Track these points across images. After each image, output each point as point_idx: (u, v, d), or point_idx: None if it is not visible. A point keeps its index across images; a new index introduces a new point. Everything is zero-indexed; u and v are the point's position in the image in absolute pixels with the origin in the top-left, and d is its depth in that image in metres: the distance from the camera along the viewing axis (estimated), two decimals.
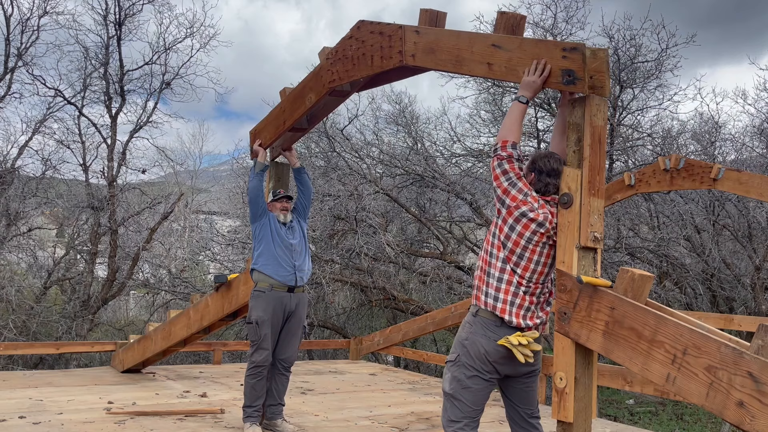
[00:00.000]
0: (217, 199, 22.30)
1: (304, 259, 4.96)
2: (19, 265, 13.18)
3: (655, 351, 2.51)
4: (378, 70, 3.74)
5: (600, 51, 2.78)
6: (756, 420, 2.20)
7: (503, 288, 3.00)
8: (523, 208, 2.94)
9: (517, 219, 2.96)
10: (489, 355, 2.99)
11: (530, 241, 2.96)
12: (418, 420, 5.60)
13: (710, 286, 11.83)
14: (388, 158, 12.68)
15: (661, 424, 10.22)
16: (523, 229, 2.95)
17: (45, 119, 12.12)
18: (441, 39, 3.36)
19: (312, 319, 11.45)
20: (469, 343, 3.05)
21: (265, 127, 5.07)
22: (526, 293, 3.02)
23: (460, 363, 3.07)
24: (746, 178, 6.54)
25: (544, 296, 3.12)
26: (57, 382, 6.55)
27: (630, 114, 12.55)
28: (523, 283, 3.01)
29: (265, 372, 4.78)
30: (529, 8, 11.86)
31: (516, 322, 2.98)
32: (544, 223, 2.94)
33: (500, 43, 3.09)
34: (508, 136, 3.04)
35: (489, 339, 2.99)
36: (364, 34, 3.79)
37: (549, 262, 3.04)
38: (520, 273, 3.00)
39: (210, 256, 14.70)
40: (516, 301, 3.00)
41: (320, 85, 4.30)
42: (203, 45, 12.84)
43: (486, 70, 3.17)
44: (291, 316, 4.87)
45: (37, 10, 11.77)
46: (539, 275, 3.03)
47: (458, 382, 3.06)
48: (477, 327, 3.04)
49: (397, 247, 11.57)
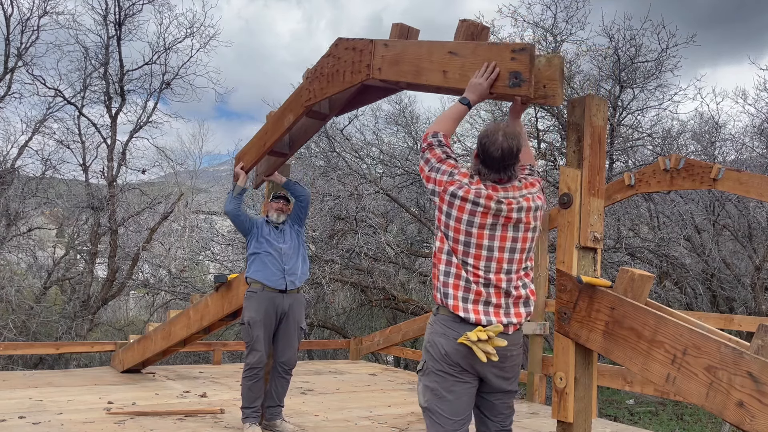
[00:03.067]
0: (217, 199, 22.29)
1: (295, 262, 4.92)
2: (18, 265, 13.18)
3: (655, 351, 2.51)
4: (348, 85, 3.69)
5: (555, 58, 2.70)
6: (756, 420, 2.20)
7: (451, 282, 2.66)
8: (451, 188, 2.64)
9: (450, 203, 2.65)
10: (450, 357, 2.64)
11: (472, 224, 2.61)
12: (418, 420, 5.59)
13: (710, 286, 11.83)
14: (388, 158, 12.69)
15: (661, 424, 10.22)
16: (459, 212, 2.62)
17: (45, 119, 12.14)
18: (405, 50, 3.29)
19: (312, 319, 11.45)
20: (430, 346, 2.72)
21: (248, 150, 5.03)
22: (487, 285, 2.64)
23: (428, 370, 2.71)
24: (746, 178, 6.53)
25: (517, 291, 2.69)
26: (57, 382, 6.55)
27: (630, 114, 12.54)
28: (480, 275, 2.63)
29: (261, 373, 4.78)
30: (529, 8, 11.88)
31: (475, 318, 2.62)
32: (479, 200, 2.60)
33: (456, 50, 3.01)
34: (434, 128, 2.83)
35: (448, 338, 2.64)
36: (340, 50, 3.75)
37: (513, 247, 2.65)
38: (473, 263, 2.63)
39: (210, 256, 14.70)
40: (470, 297, 2.64)
41: (298, 105, 4.25)
42: (203, 45, 12.89)
43: (441, 78, 3.07)
44: (285, 317, 4.84)
45: (37, 10, 11.80)
46: (499, 263, 2.64)
47: (431, 392, 2.69)
48: (437, 326, 2.71)
49: (397, 247, 11.57)
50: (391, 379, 7.89)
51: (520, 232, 2.67)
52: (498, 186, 2.67)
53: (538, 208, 2.73)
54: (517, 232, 2.67)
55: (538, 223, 2.77)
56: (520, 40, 12.04)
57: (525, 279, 2.74)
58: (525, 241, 2.70)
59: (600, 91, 11.85)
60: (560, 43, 11.96)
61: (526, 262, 2.75)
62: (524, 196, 2.69)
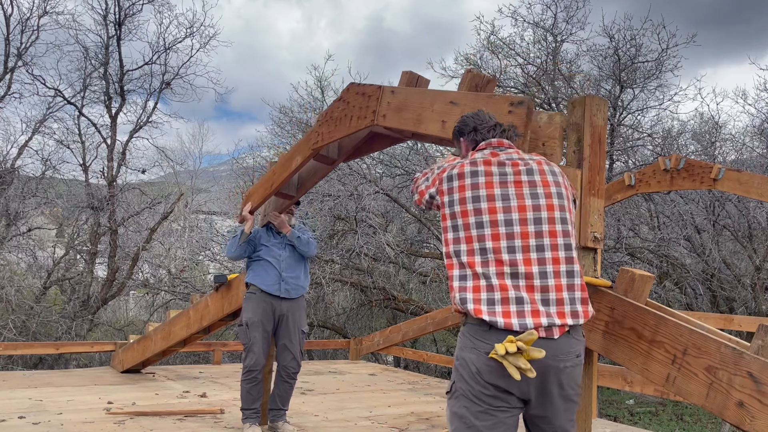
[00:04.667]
0: (216, 199, 22.29)
1: (293, 271, 4.84)
2: (18, 265, 13.18)
3: (655, 351, 2.51)
4: (354, 130, 3.70)
5: (557, 116, 2.63)
6: (756, 420, 2.20)
7: (470, 285, 2.16)
8: (444, 174, 2.31)
9: (449, 188, 2.26)
10: (482, 375, 2.12)
11: (478, 198, 2.20)
12: (418, 420, 5.59)
13: (710, 286, 11.83)
14: (388, 158, 12.68)
15: (661, 424, 10.22)
16: (461, 192, 2.24)
17: (45, 119, 12.14)
18: (409, 98, 3.29)
19: (312, 320, 11.44)
20: (460, 364, 2.19)
21: (257, 189, 4.98)
22: (515, 276, 2.12)
23: (457, 393, 2.20)
24: (746, 179, 6.53)
25: (557, 279, 2.15)
26: (57, 383, 6.55)
27: (630, 114, 12.55)
28: (504, 260, 2.12)
29: (259, 376, 4.76)
30: (529, 8, 11.89)
31: (503, 321, 2.08)
32: (476, 169, 2.25)
33: (457, 100, 2.99)
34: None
35: (479, 352, 2.12)
36: (350, 95, 3.75)
37: (536, 217, 2.17)
38: (492, 246, 2.14)
39: (210, 256, 14.70)
40: (495, 295, 2.11)
41: (306, 147, 4.24)
42: (203, 45, 12.87)
43: (440, 127, 3.02)
44: (284, 320, 4.79)
45: (36, 10, 11.79)
46: (524, 239, 2.14)
47: (460, 420, 2.16)
48: (465, 339, 2.19)
49: (397, 247, 11.57)
50: (391, 379, 7.89)
51: (541, 199, 2.21)
52: (497, 151, 2.34)
53: (556, 174, 2.31)
54: (536, 199, 2.20)
55: (566, 191, 2.30)
56: (520, 41, 12.04)
57: (567, 264, 2.18)
58: (551, 210, 2.21)
59: (600, 91, 11.85)
60: (560, 43, 11.96)
61: (562, 238, 2.19)
62: (535, 160, 2.31)
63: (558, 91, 11.82)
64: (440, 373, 11.92)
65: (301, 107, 12.89)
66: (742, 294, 11.66)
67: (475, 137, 2.43)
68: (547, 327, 2.11)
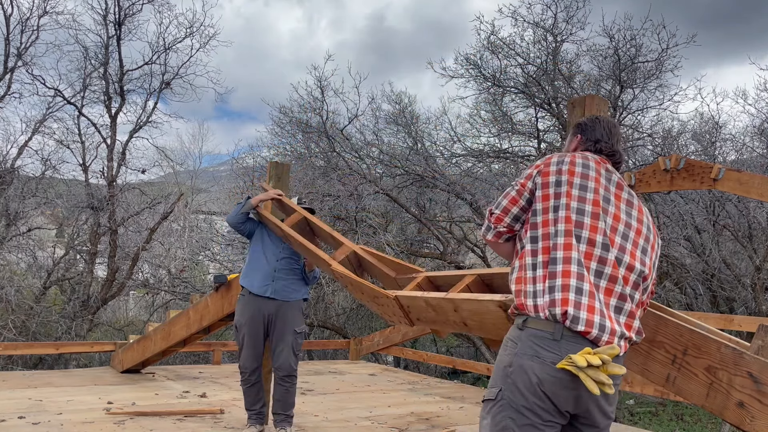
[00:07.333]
0: (216, 199, 22.27)
1: (287, 276, 4.76)
2: (18, 265, 13.17)
3: (654, 351, 2.51)
4: None
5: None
6: (756, 420, 2.20)
7: (559, 258, 2.03)
8: (553, 159, 2.23)
9: (558, 170, 2.17)
10: (543, 385, 1.99)
11: (585, 188, 2.12)
12: (418, 420, 5.59)
13: (710, 286, 11.83)
14: (388, 158, 12.66)
15: (661, 424, 10.22)
16: (570, 176, 2.16)
17: (45, 119, 12.12)
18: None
19: (312, 320, 11.43)
20: (514, 372, 2.04)
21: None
22: (599, 275, 2.04)
23: (503, 402, 2.05)
24: (746, 179, 6.52)
25: (640, 285, 2.12)
26: (56, 383, 6.54)
27: (630, 114, 12.54)
28: (595, 254, 2.03)
29: (252, 378, 4.76)
30: (529, 8, 11.86)
31: (586, 317, 1.99)
32: (588, 162, 2.18)
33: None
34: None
35: (543, 362, 1.99)
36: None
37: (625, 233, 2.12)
38: (589, 237, 2.05)
39: (210, 256, 14.69)
40: (583, 287, 1.99)
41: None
42: (203, 45, 12.82)
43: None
44: (274, 321, 4.71)
45: (36, 9, 11.77)
46: (611, 245, 2.06)
47: (502, 431, 2.05)
48: (525, 345, 2.04)
49: (397, 247, 11.56)
50: (391, 379, 7.89)
51: (634, 221, 2.18)
52: (607, 159, 2.30)
53: (650, 218, 2.29)
54: (630, 218, 2.17)
55: (654, 237, 2.25)
56: (520, 41, 12.04)
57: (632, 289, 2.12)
58: (639, 235, 2.17)
59: (600, 91, 11.84)
60: (560, 43, 11.96)
61: (639, 265, 2.13)
62: (635, 194, 2.29)
63: (558, 91, 11.81)
64: (440, 373, 11.93)
65: (301, 107, 12.88)
66: (742, 294, 11.65)
67: (591, 147, 2.34)
68: (620, 337, 2.06)
